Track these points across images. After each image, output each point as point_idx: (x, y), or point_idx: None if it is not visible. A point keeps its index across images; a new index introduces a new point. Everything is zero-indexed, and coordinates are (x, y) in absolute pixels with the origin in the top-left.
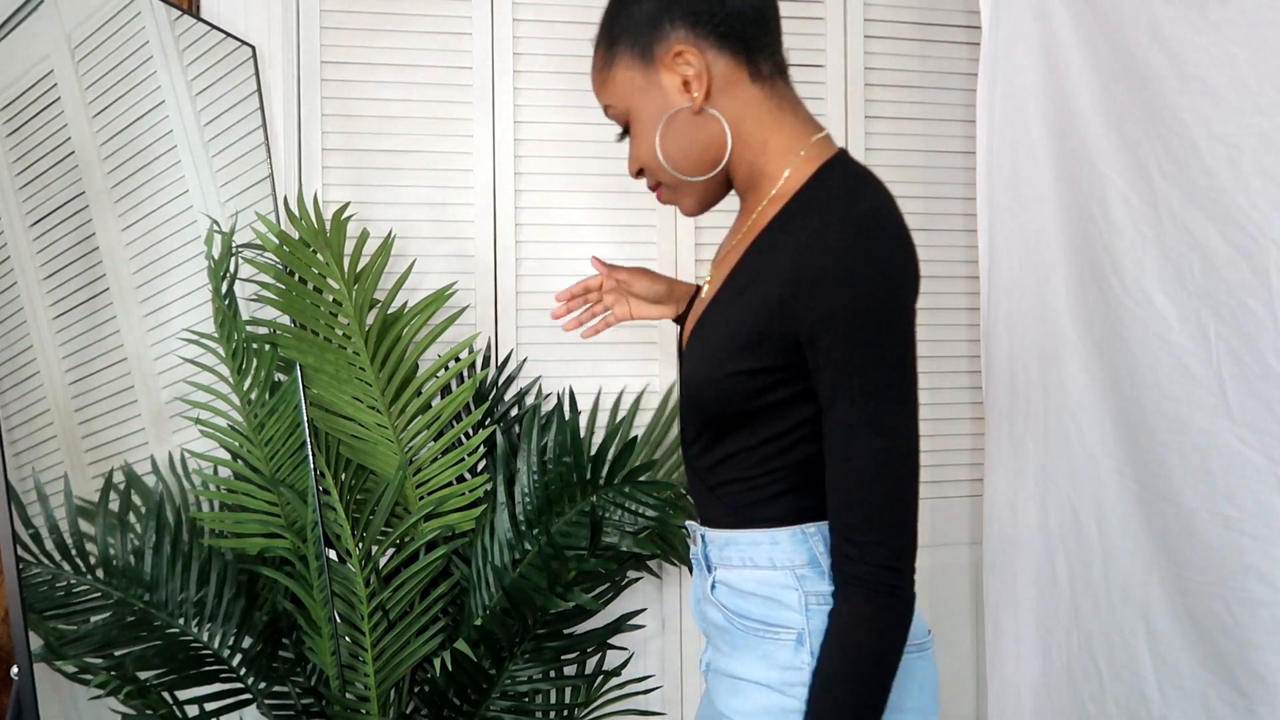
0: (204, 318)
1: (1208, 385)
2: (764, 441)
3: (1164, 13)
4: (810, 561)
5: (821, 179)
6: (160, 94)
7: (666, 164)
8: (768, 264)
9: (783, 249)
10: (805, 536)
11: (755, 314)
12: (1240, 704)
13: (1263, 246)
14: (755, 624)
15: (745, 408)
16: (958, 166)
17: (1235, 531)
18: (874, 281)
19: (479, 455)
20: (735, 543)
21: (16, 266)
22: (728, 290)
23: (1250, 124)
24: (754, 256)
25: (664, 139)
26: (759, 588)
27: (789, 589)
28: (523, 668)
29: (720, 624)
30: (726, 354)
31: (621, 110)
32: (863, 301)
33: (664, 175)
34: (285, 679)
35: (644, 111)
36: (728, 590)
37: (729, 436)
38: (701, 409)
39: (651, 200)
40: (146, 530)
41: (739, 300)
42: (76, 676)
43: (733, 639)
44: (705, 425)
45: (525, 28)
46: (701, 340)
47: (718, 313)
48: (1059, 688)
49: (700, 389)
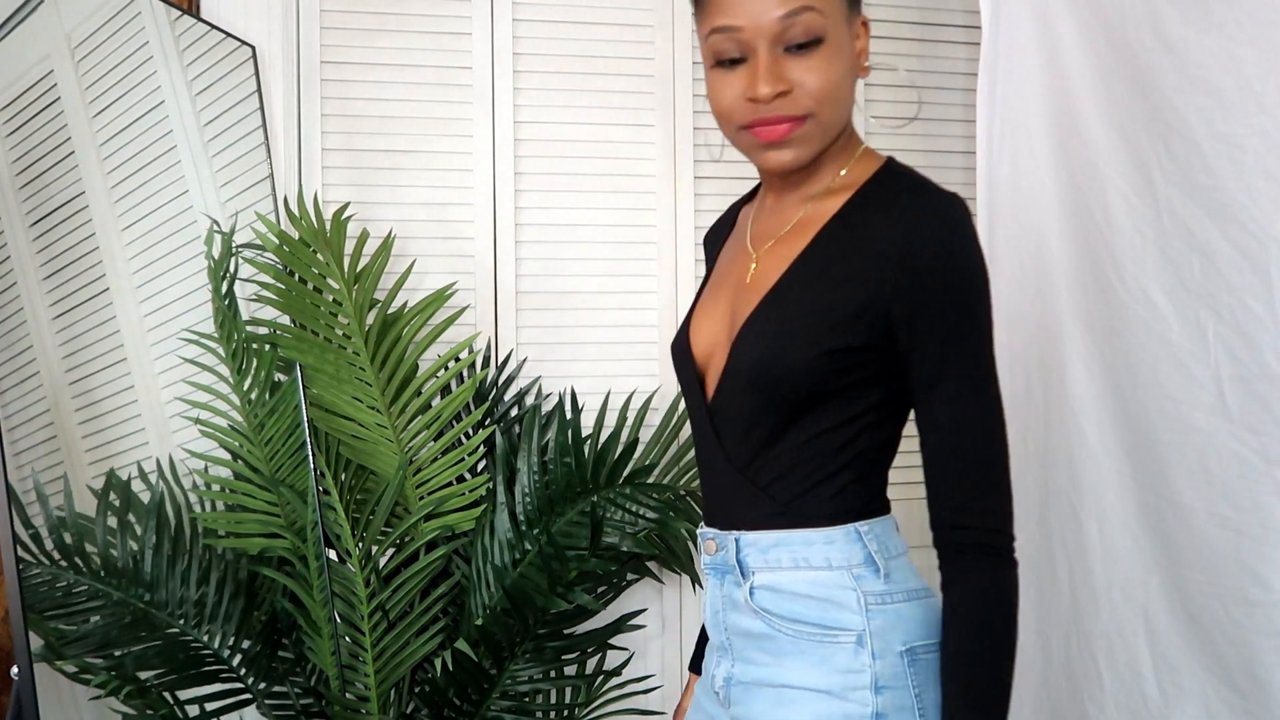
0: (204, 318)
1: (1206, 385)
2: (829, 429)
3: (1167, 12)
4: (866, 560)
5: (892, 173)
6: (160, 94)
7: (838, 102)
8: (854, 245)
9: (875, 228)
10: (859, 535)
11: (851, 292)
12: (1238, 704)
13: (1264, 246)
14: (811, 628)
15: (826, 389)
16: (958, 166)
17: (1232, 532)
18: (975, 263)
19: (479, 455)
20: (787, 543)
21: (16, 266)
22: (800, 273)
23: (1253, 123)
24: (830, 240)
25: (849, 79)
26: (814, 589)
27: (847, 589)
28: (523, 667)
29: (760, 632)
30: (819, 332)
31: (824, 24)
32: (968, 281)
33: (828, 111)
34: (285, 679)
35: (843, 43)
36: (773, 595)
37: (793, 423)
38: (772, 392)
39: (652, 200)
40: (146, 530)
41: (823, 280)
42: (77, 676)
43: (777, 646)
44: (766, 412)
45: (525, 28)
46: (771, 324)
47: (794, 295)
48: (1059, 686)
49: (777, 370)
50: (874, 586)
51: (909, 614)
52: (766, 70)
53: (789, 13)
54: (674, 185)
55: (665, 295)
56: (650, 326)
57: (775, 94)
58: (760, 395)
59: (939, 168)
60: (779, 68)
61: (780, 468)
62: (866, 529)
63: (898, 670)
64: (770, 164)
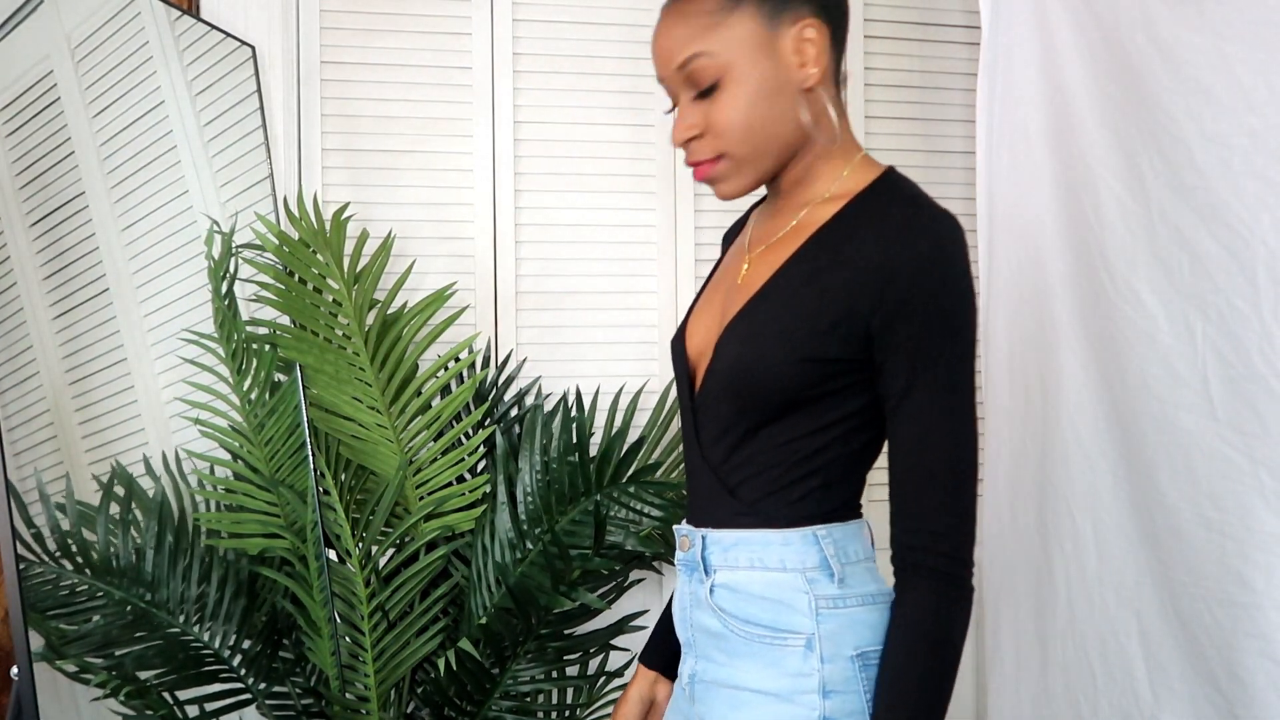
0: (204, 318)
1: (1193, 385)
2: (802, 435)
3: (1159, 12)
4: (821, 564)
5: (887, 183)
6: (160, 94)
7: (756, 137)
8: (843, 254)
9: (863, 239)
10: (817, 539)
11: (833, 300)
12: (1223, 705)
13: (1251, 246)
14: (762, 630)
15: (801, 395)
16: (958, 166)
17: (1217, 533)
18: (958, 276)
19: (479, 455)
20: (746, 543)
21: (16, 266)
22: (789, 279)
23: (1243, 123)
24: (820, 248)
25: (765, 106)
26: (767, 590)
27: (799, 592)
28: (525, 667)
29: (715, 631)
30: (798, 339)
31: (718, 65)
32: (948, 293)
33: (739, 147)
34: (285, 679)
35: (752, 73)
36: (729, 594)
37: (767, 425)
38: (749, 393)
39: (652, 200)
40: (147, 530)
41: (809, 287)
42: (77, 676)
43: (731, 646)
44: (743, 413)
45: (525, 28)
46: (755, 325)
47: (779, 300)
48: (1056, 687)
49: (755, 372)
50: (827, 590)
51: (863, 618)
52: (679, 118)
53: (680, 65)
54: (674, 185)
55: (665, 295)
56: (650, 326)
57: (685, 139)
58: (736, 397)
59: (939, 168)
60: (691, 114)
61: (749, 470)
62: (825, 533)
63: (848, 674)
64: (717, 196)
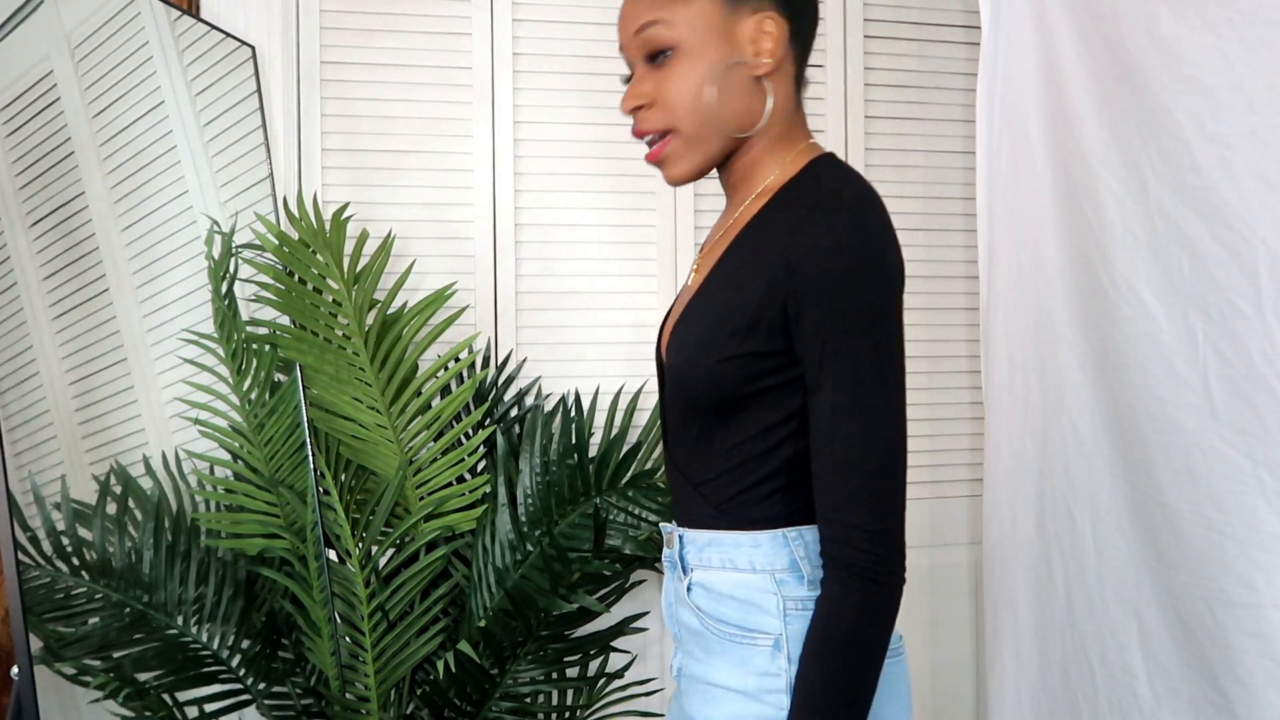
0: (204, 318)
1: (1194, 385)
2: (750, 437)
3: (1161, 12)
4: (790, 566)
5: (811, 171)
6: (160, 94)
7: (704, 113)
8: (758, 249)
9: (774, 232)
10: (786, 540)
11: (748, 297)
12: (1224, 705)
13: (1252, 246)
14: (732, 629)
15: (734, 394)
16: (957, 166)
17: (1217, 533)
18: (863, 259)
19: (479, 455)
20: (719, 544)
21: (16, 266)
22: (715, 278)
23: (1243, 123)
24: (742, 245)
25: (714, 85)
26: (736, 590)
27: (768, 593)
28: (525, 669)
29: (694, 628)
30: (719, 339)
31: (672, 36)
32: (852, 277)
33: (686, 122)
34: (285, 679)
35: (703, 49)
36: (704, 593)
37: (716, 429)
38: (688, 398)
39: (652, 200)
40: (145, 531)
41: (728, 286)
42: (76, 679)
43: (707, 644)
44: (691, 416)
45: (525, 28)
46: (688, 328)
47: (705, 300)
48: (1055, 687)
49: (688, 376)
50: (795, 592)
51: None
52: (630, 86)
53: (637, 30)
54: None
55: (665, 295)
56: (650, 327)
57: (634, 107)
58: (681, 401)
59: (939, 168)
60: (643, 82)
61: (710, 471)
62: (795, 535)
63: None
64: (665, 180)
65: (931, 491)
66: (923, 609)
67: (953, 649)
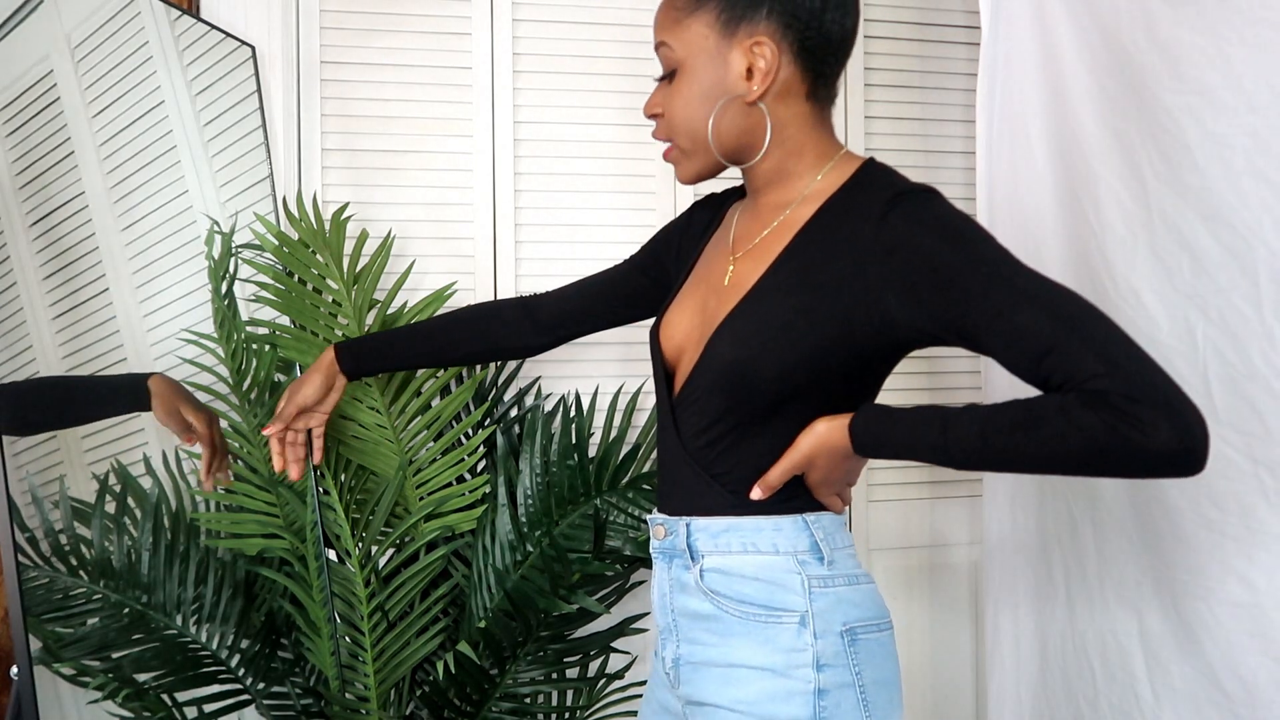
0: (204, 318)
1: (1194, 385)
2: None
3: (1161, 12)
4: (811, 548)
5: (867, 173)
6: (160, 94)
7: (695, 133)
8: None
9: (851, 228)
10: (807, 524)
11: (832, 296)
12: (1225, 705)
13: (1252, 247)
14: (755, 608)
15: (796, 391)
16: (958, 166)
17: (1217, 533)
18: (957, 216)
19: (479, 456)
20: (737, 529)
21: (16, 266)
22: (778, 279)
23: (1243, 123)
24: (806, 246)
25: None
26: (761, 572)
27: (792, 573)
28: (525, 669)
29: (705, 613)
30: (797, 336)
31: (677, 58)
32: (955, 228)
33: (680, 138)
34: (284, 679)
35: (699, 74)
36: (722, 577)
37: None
38: (738, 392)
39: (652, 200)
40: (144, 531)
41: (803, 286)
42: (75, 679)
43: (725, 626)
44: (734, 411)
45: (525, 28)
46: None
47: (774, 299)
48: (1055, 688)
49: (755, 372)
50: (817, 571)
51: (849, 597)
52: (653, 93)
53: (655, 46)
54: (674, 185)
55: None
56: (649, 326)
57: (650, 114)
58: (730, 395)
59: (939, 168)
60: (658, 93)
61: (732, 460)
62: (814, 519)
63: (838, 649)
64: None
65: (931, 491)
66: (923, 609)
67: (953, 649)
